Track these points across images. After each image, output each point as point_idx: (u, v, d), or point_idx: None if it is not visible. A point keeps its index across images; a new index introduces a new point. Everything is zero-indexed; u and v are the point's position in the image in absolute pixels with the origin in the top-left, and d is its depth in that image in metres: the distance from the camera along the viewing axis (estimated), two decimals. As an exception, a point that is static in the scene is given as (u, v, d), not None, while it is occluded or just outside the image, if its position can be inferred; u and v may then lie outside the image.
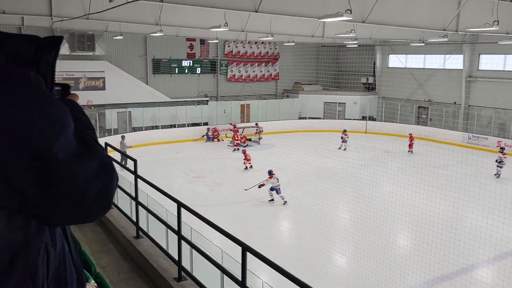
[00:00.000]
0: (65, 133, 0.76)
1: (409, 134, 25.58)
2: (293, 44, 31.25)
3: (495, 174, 20.40)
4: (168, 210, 6.78)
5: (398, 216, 14.53)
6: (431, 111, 29.50)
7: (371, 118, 31.32)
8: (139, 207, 5.43)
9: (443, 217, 14.57)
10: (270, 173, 15.96)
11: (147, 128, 25.69)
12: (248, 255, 3.30)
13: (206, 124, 28.64)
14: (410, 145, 25.24)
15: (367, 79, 33.43)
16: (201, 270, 4.55)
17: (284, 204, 15.89)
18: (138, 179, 5.37)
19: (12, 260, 0.76)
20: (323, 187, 17.64)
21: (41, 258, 0.82)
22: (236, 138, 24.74)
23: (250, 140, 26.13)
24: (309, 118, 31.52)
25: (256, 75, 34.01)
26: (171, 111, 27.34)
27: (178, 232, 4.49)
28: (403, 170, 20.79)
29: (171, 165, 20.94)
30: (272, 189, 15.99)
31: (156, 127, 26.44)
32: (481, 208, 14.66)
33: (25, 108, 0.71)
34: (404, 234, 14.09)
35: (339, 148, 25.59)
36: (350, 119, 31.48)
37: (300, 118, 32.08)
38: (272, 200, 16.03)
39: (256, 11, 13.25)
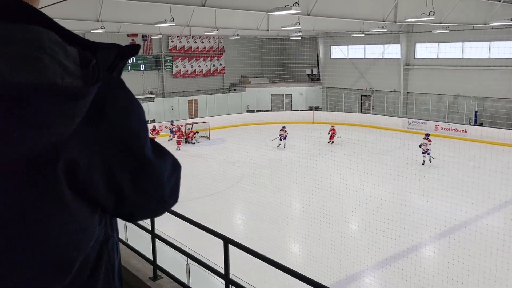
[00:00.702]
0: (148, 132, 0.79)
1: (332, 126, 25.89)
2: (238, 37, 31.32)
3: (422, 164, 20.33)
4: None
5: (348, 203, 15.06)
6: (373, 99, 30.69)
7: (317, 108, 32.09)
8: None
9: (390, 200, 15.30)
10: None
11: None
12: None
13: (154, 121, 28.10)
14: (332, 136, 25.42)
15: (312, 70, 34.18)
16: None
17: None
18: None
19: (98, 259, 0.78)
20: (276, 179, 17.94)
21: (116, 255, 0.85)
22: (178, 136, 24.11)
23: (197, 133, 25.63)
24: (257, 111, 31.79)
25: (202, 70, 33.76)
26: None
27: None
28: (351, 158, 21.52)
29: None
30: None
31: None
32: (422, 190, 15.55)
33: (128, 112, 0.73)
34: (355, 219, 14.60)
35: (278, 146, 23.66)
36: (297, 110, 32.07)
37: (248, 111, 32.26)
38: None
39: (203, 5, 13.15)
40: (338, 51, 33.08)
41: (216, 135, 26.72)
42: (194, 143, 24.52)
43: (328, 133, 25.41)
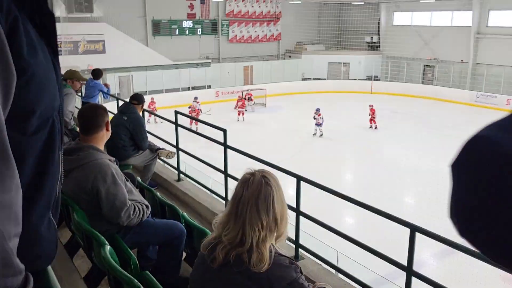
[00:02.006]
0: None
1: (370, 106, 21.29)
2: (296, 2, 30.34)
3: None
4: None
5: (410, 177, 14.50)
6: (437, 69, 29.05)
7: (376, 78, 30.85)
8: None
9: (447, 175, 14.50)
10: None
11: (150, 92, 25.06)
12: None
13: (210, 87, 28.08)
14: (372, 119, 21.14)
15: (371, 38, 32.70)
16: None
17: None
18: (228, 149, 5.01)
19: None
20: (336, 149, 17.47)
21: None
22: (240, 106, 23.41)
23: (250, 100, 25.08)
24: (314, 79, 30.98)
25: (258, 35, 33.12)
26: (174, 74, 26.66)
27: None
28: (414, 130, 20.64)
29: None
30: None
31: (160, 91, 25.80)
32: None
33: None
34: (415, 196, 13.98)
35: (314, 134, 19.75)
36: (355, 79, 31.00)
37: (303, 79, 31.53)
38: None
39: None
40: (401, 18, 31.33)
41: (273, 102, 26.34)
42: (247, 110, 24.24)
43: (371, 114, 21.10)
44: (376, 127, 20.79)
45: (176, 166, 6.22)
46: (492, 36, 26.31)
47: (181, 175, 6.22)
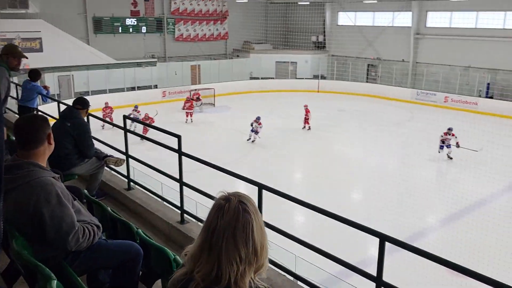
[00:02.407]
0: None
1: (304, 106, 20.64)
2: (243, 1, 30.17)
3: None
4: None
5: (358, 173, 14.79)
6: (380, 68, 29.99)
7: (323, 77, 31.37)
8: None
9: (397, 172, 14.99)
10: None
11: (93, 93, 23.97)
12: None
13: (156, 87, 27.33)
14: (306, 120, 20.45)
15: (317, 37, 33.22)
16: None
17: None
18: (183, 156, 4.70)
19: None
20: (286, 148, 17.52)
21: None
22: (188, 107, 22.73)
23: (199, 100, 24.58)
24: (262, 78, 30.99)
25: (205, 34, 32.67)
26: (118, 74, 25.67)
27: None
28: (361, 128, 21.13)
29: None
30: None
31: (103, 91, 24.73)
32: (433, 162, 15.24)
33: None
34: (363, 192, 14.30)
35: (248, 139, 18.41)
36: (302, 78, 31.35)
37: (251, 78, 31.47)
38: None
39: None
40: (345, 18, 32.06)
41: (221, 102, 26.06)
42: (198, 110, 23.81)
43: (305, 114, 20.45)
44: (309, 128, 20.42)
45: (126, 174, 5.84)
46: (431, 36, 27.52)
47: (131, 183, 5.86)
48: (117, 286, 2.86)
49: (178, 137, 4.52)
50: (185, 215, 4.96)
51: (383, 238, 2.85)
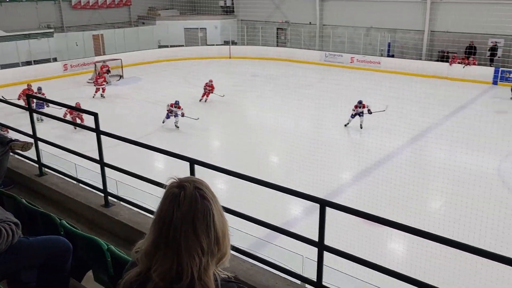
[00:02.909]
0: None
1: (210, 81, 19.68)
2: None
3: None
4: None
5: (275, 136, 15.11)
6: (289, 32, 30.38)
7: (234, 43, 31.10)
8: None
9: (313, 132, 15.58)
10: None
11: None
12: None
13: (55, 60, 25.22)
14: (206, 93, 19.65)
15: (225, 2, 32.64)
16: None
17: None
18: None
19: None
20: (202, 117, 17.27)
21: None
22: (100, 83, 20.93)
23: (109, 72, 23.13)
24: (171, 46, 29.92)
25: (105, 1, 30.51)
26: (10, 47, 23.23)
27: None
28: (275, 92, 21.44)
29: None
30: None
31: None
32: (344, 121, 16.00)
33: None
34: (280, 155, 14.69)
35: (164, 122, 16.32)
36: (213, 45, 30.81)
37: (160, 46, 30.26)
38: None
39: None
40: (252, -19, 31.71)
41: (130, 73, 24.84)
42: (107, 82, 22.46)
43: (205, 88, 19.63)
44: (206, 101, 19.62)
45: (36, 159, 5.31)
46: (335, -2, 28.29)
47: (43, 168, 5.35)
48: (46, 286, 2.59)
49: (95, 115, 4.15)
50: (109, 197, 4.65)
51: (324, 204, 2.86)
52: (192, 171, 3.70)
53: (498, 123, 16.04)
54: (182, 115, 16.02)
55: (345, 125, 16.11)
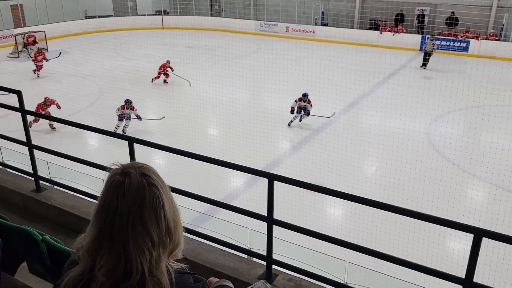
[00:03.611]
0: None
1: (167, 62, 18.11)
2: None
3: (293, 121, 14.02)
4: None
5: (212, 107, 14.94)
6: (223, 1, 29.75)
7: (166, 13, 29.98)
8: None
9: (248, 102, 15.61)
10: None
11: None
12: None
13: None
14: (164, 74, 17.92)
15: (155, -31, 31.21)
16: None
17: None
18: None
19: None
20: (138, 91, 16.67)
21: None
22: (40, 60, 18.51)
23: (36, 43, 21.50)
24: (99, 16, 28.29)
25: (22, -34, 28.00)
26: None
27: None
28: (211, 63, 21.06)
29: None
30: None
31: None
32: (281, 91, 16.13)
33: None
34: (220, 124, 14.61)
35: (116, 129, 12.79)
36: (144, 15, 29.53)
37: (87, 17, 28.53)
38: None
39: None
40: None
41: (55, 45, 23.27)
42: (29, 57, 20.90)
43: (161, 70, 17.83)
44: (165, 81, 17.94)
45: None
46: (268, -34, 27.96)
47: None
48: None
49: (18, 93, 3.80)
50: (40, 181, 4.35)
51: (272, 178, 2.83)
52: (131, 151, 3.52)
53: (425, 88, 16.89)
54: (139, 118, 13.00)
55: (289, 125, 13.65)
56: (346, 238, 3.09)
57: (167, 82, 17.42)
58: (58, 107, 12.85)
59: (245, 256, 3.40)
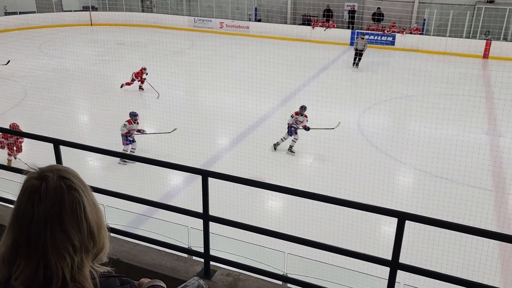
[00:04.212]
0: None
1: (142, 69, 16.50)
2: None
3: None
4: None
5: (149, 105, 14.64)
6: (154, -4, 29.13)
7: (94, 8, 28.80)
8: None
9: (188, 99, 15.49)
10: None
11: None
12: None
13: None
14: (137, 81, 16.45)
15: (80, -38, 29.85)
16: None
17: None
18: None
19: None
20: (66, 91, 15.94)
21: None
22: None
23: None
24: (20, 13, 26.60)
25: None
26: None
27: None
28: (144, 60, 20.55)
29: None
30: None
31: None
32: (218, 87, 16.15)
33: None
34: (156, 127, 14.37)
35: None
36: (70, 11, 28.17)
37: (6, 13, 26.73)
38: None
39: None
40: None
41: (-29, 45, 21.63)
42: None
43: (135, 78, 16.36)
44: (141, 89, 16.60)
45: None
46: (199, -39, 27.70)
47: None
48: None
49: None
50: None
51: (206, 174, 2.83)
52: (57, 154, 3.37)
53: (355, 81, 17.58)
54: (142, 132, 11.11)
55: (274, 148, 11.54)
56: (285, 230, 3.17)
57: (142, 89, 16.63)
58: None
59: (185, 255, 3.38)
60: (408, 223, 2.57)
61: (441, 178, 9.82)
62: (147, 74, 16.42)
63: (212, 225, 3.15)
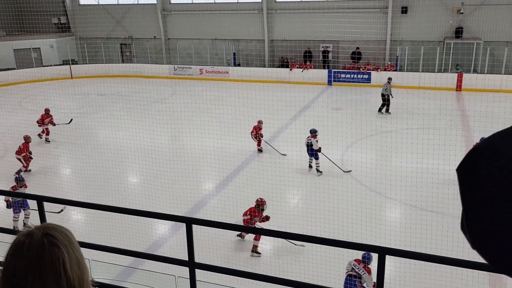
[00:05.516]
0: None
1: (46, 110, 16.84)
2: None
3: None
4: None
5: (130, 155, 14.60)
6: (134, 47, 29.66)
7: (74, 62, 29.16)
8: None
9: (169, 147, 15.54)
10: None
11: None
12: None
13: None
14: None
15: (59, 19, 30.44)
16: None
17: None
18: None
19: None
20: (50, 145, 15.85)
21: None
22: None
23: None
24: (0, 70, 26.77)
25: None
26: None
27: None
28: (126, 110, 20.69)
29: None
30: None
31: None
32: (202, 131, 16.28)
33: None
34: (139, 175, 14.33)
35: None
36: (50, 65, 28.45)
37: (-15, 71, 26.86)
38: None
39: None
40: (86, -3, 30.23)
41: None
42: None
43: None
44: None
45: None
46: (177, 12, 28.56)
47: None
48: None
49: None
50: None
51: (190, 222, 2.84)
52: (40, 209, 3.34)
53: (336, 119, 17.90)
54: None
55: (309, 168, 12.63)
56: (275, 273, 3.15)
57: (41, 137, 16.74)
58: None
59: (172, 305, 3.32)
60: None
61: (426, 211, 9.89)
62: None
63: (201, 272, 3.12)
